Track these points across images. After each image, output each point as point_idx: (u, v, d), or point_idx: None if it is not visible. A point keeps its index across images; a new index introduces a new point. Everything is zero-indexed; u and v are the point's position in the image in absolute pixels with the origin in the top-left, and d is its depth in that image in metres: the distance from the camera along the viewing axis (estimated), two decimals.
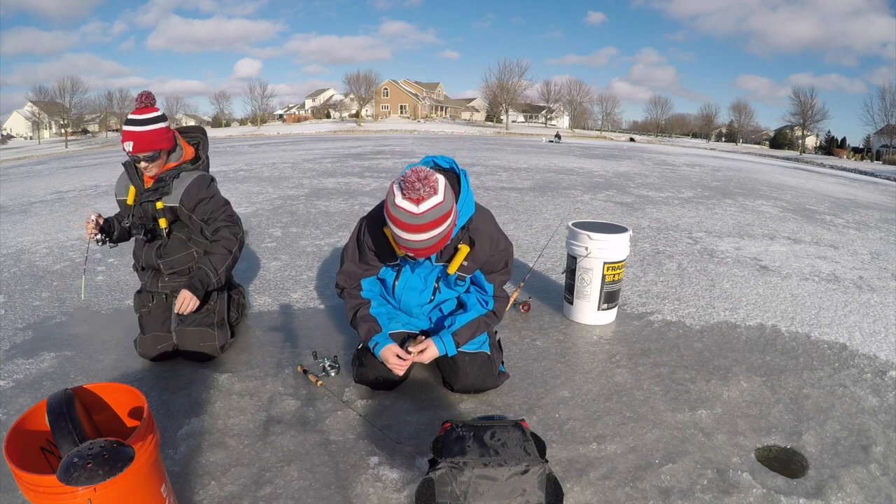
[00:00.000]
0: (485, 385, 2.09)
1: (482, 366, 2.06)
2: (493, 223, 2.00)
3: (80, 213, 6.25)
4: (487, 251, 1.96)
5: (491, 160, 13.32)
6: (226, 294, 2.53)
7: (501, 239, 2.00)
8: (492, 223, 2.00)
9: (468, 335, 2.03)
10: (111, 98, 61.67)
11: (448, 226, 1.68)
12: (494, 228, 1.99)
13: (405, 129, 51.31)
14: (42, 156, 27.62)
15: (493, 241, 1.97)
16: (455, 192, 1.82)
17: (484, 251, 1.95)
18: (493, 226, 2.00)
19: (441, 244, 1.74)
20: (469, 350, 2.06)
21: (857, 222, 6.81)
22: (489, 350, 2.11)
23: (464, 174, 1.90)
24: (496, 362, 2.13)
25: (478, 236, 1.93)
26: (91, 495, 1.05)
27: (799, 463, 1.78)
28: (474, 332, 2.04)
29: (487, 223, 1.97)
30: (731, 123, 71.98)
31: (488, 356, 2.09)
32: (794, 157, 39.77)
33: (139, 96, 2.25)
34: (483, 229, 1.94)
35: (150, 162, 2.21)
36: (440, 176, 1.64)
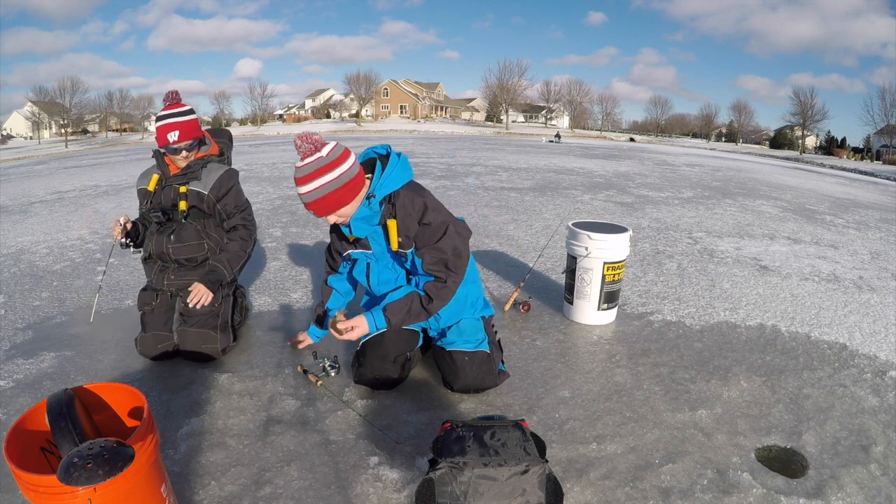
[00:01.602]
0: (484, 384, 2.09)
1: (481, 364, 2.06)
2: (420, 197, 1.96)
3: (80, 213, 6.25)
4: (414, 223, 1.96)
5: (491, 160, 13.32)
6: (231, 297, 2.53)
7: (432, 213, 1.94)
8: (419, 196, 1.96)
9: (400, 312, 1.96)
10: (111, 98, 61.71)
11: (330, 181, 1.80)
12: (423, 202, 1.95)
13: (405, 129, 51.31)
14: (42, 156, 27.62)
15: (417, 213, 1.95)
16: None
17: (411, 222, 1.96)
18: (422, 199, 1.96)
19: (330, 201, 1.83)
20: (468, 349, 2.06)
21: (857, 222, 6.81)
22: (488, 349, 2.11)
23: (395, 155, 2.00)
24: (495, 361, 2.13)
25: (400, 209, 1.96)
26: (91, 495, 1.05)
27: (799, 463, 1.78)
28: (407, 309, 1.97)
29: (414, 196, 1.95)
30: (731, 123, 71.98)
31: (487, 355, 2.08)
32: (794, 157, 39.76)
33: (168, 94, 2.36)
34: (406, 202, 1.95)
35: (189, 150, 2.35)
36: (332, 143, 1.86)
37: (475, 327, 2.14)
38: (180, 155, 2.33)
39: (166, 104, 2.34)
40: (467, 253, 2.05)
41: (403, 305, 1.97)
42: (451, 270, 1.98)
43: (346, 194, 1.86)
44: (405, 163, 2.02)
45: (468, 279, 2.16)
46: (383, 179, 1.95)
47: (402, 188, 1.97)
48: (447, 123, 64.54)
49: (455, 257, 1.97)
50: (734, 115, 70.98)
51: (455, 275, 1.99)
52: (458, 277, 1.99)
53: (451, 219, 2.00)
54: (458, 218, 2.08)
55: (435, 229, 1.95)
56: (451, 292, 2.00)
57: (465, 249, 2.03)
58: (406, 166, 2.01)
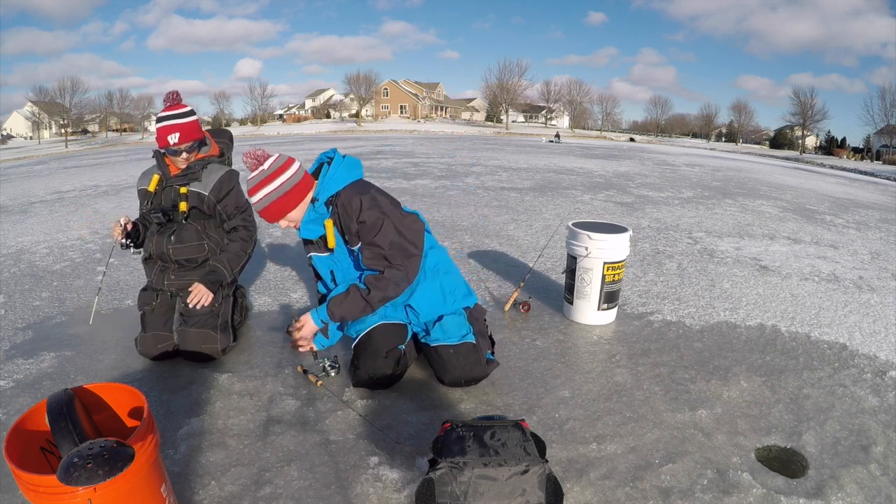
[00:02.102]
0: (473, 374, 2.10)
1: (467, 355, 2.08)
2: (358, 196, 2.02)
3: (80, 213, 6.25)
4: (353, 222, 2.03)
5: (491, 160, 13.32)
6: (231, 298, 2.53)
7: (367, 210, 2.00)
8: (357, 195, 2.02)
9: (340, 304, 2.02)
10: (111, 98, 61.73)
11: (272, 191, 1.98)
12: (359, 200, 2.01)
13: (405, 129, 51.32)
14: (42, 156, 27.62)
15: (354, 212, 2.02)
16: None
17: (350, 222, 2.04)
18: (359, 198, 2.01)
19: (275, 209, 2.00)
20: (452, 343, 2.09)
21: (857, 222, 6.81)
22: (473, 339, 2.12)
23: (339, 157, 2.11)
24: (482, 350, 2.14)
25: (340, 208, 2.05)
26: (91, 495, 1.05)
27: (799, 463, 1.77)
28: (345, 300, 2.02)
29: (353, 196, 2.02)
30: (731, 123, 71.99)
31: (472, 345, 2.10)
32: (794, 157, 39.76)
33: (169, 95, 2.36)
34: (345, 202, 2.04)
35: (190, 152, 2.35)
36: (275, 155, 2.03)
37: (457, 322, 2.15)
38: (180, 156, 2.34)
39: (167, 105, 2.34)
40: (415, 245, 2.07)
41: (343, 297, 2.03)
42: (390, 263, 2.01)
43: (290, 201, 2.02)
44: (350, 164, 2.12)
45: (442, 269, 2.21)
46: (325, 182, 2.06)
47: (345, 188, 2.06)
48: (447, 123, 64.54)
49: (394, 250, 2.01)
50: (734, 115, 71.05)
51: (395, 267, 2.01)
52: (400, 270, 2.02)
53: (393, 213, 2.03)
54: (409, 211, 2.13)
55: (370, 226, 2.00)
56: (394, 283, 2.01)
57: (411, 242, 2.05)
58: (350, 167, 2.11)
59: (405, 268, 2.03)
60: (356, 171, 2.12)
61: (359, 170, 2.15)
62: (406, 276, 2.04)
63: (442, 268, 2.22)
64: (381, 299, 2.02)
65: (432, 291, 2.18)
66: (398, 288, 2.03)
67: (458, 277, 2.29)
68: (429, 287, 2.18)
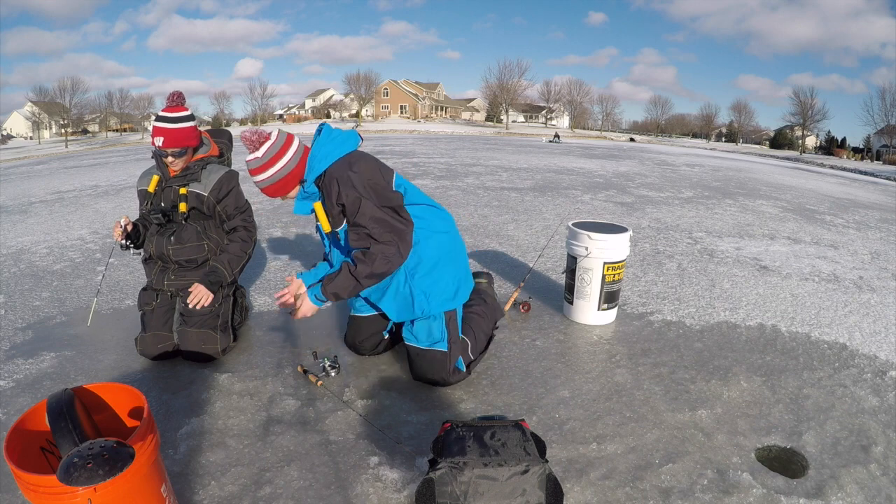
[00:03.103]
0: (434, 379, 2.15)
1: (432, 361, 2.12)
2: (335, 178, 1.99)
3: (80, 213, 6.25)
4: (334, 205, 2.03)
5: (491, 160, 13.32)
6: (231, 298, 2.53)
7: (344, 191, 1.98)
8: (336, 177, 1.99)
9: (333, 282, 2.03)
10: (111, 98, 61.74)
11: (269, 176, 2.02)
12: (336, 182, 1.99)
13: (405, 129, 51.31)
14: (42, 156, 27.62)
15: (334, 195, 2.01)
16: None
17: (331, 205, 2.04)
18: (336, 181, 1.99)
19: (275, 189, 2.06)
20: (422, 346, 2.13)
21: (857, 222, 6.81)
22: (446, 348, 2.12)
23: (318, 134, 2.08)
24: (452, 358, 2.14)
25: (324, 190, 2.06)
26: (91, 495, 1.05)
27: (799, 463, 1.77)
28: (337, 278, 2.03)
29: (333, 178, 2.00)
30: (732, 123, 71.99)
31: (442, 354, 2.11)
32: (795, 157, 39.76)
33: (171, 95, 2.35)
34: (327, 184, 2.03)
35: (177, 157, 2.33)
36: (273, 138, 2.02)
37: (427, 329, 2.14)
38: (167, 160, 2.33)
39: (166, 105, 2.34)
40: (400, 218, 2.03)
41: (335, 275, 2.05)
42: (375, 240, 1.99)
43: (286, 185, 2.06)
44: (335, 139, 2.08)
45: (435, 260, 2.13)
46: (310, 163, 2.06)
47: (329, 168, 2.03)
48: (447, 123, 64.53)
49: (377, 226, 1.98)
50: (734, 115, 71.08)
51: (382, 243, 1.99)
52: (389, 245, 1.99)
53: (373, 191, 1.99)
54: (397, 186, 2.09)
55: (350, 208, 1.99)
56: (381, 257, 1.98)
57: (395, 216, 2.02)
58: (335, 142, 2.07)
59: (393, 242, 1.99)
60: (342, 146, 2.07)
61: (345, 144, 2.09)
62: (397, 250, 1.99)
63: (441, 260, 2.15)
64: (368, 275, 1.99)
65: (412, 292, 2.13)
66: (388, 263, 1.99)
67: (446, 278, 2.18)
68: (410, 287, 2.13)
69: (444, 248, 2.19)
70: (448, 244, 2.21)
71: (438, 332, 2.14)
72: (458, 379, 2.18)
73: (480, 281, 2.67)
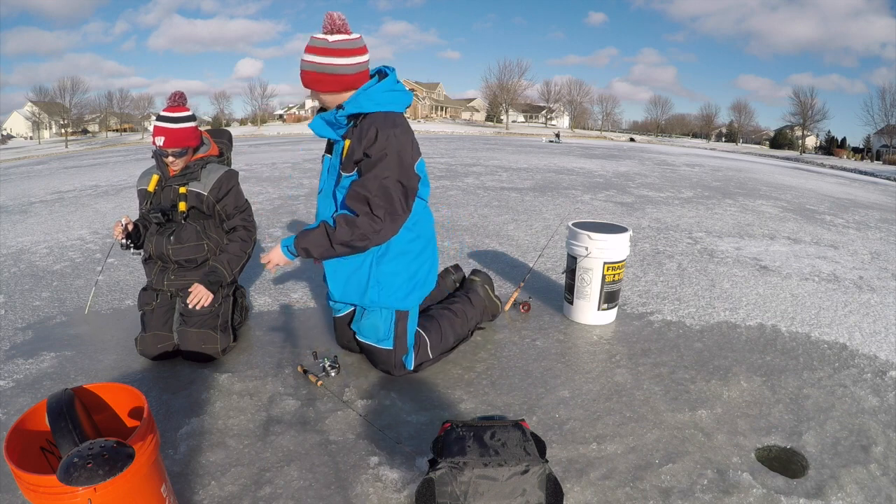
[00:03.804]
0: (382, 370, 2.25)
1: (377, 356, 2.21)
2: (382, 129, 1.86)
3: (80, 213, 6.25)
4: (360, 150, 1.90)
5: (491, 160, 13.32)
6: (231, 298, 2.53)
7: (377, 145, 1.85)
8: (380, 128, 1.86)
9: (306, 238, 1.97)
10: (111, 98, 61.74)
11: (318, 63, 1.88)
12: (375, 133, 1.86)
13: None
14: (42, 156, 27.62)
15: (367, 141, 1.87)
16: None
17: (359, 148, 1.90)
18: (376, 131, 1.86)
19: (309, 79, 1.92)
20: (371, 343, 2.19)
21: (857, 222, 6.81)
22: (391, 346, 2.17)
23: (386, 81, 1.96)
24: (397, 356, 2.18)
25: (358, 131, 1.92)
26: (91, 495, 1.05)
27: (799, 463, 1.77)
28: (311, 235, 1.96)
29: (377, 126, 1.86)
30: (732, 123, 72.01)
31: (386, 352, 2.18)
32: (795, 157, 39.75)
33: (172, 95, 2.35)
34: (366, 127, 1.89)
35: (177, 157, 2.33)
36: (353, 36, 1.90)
37: (373, 325, 2.16)
38: (167, 159, 2.34)
39: (167, 104, 2.34)
40: (404, 205, 1.94)
41: (311, 231, 1.98)
42: (370, 208, 1.89)
43: (322, 83, 1.92)
44: (396, 91, 1.97)
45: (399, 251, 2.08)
46: (358, 96, 1.93)
47: (375, 113, 1.91)
48: (447, 123, 64.51)
49: (380, 199, 1.88)
50: (734, 115, 71.13)
51: (373, 216, 1.89)
52: (376, 223, 1.90)
53: (402, 163, 1.89)
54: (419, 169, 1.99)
55: (371, 164, 1.87)
56: (361, 232, 1.89)
57: (401, 201, 1.92)
58: (393, 94, 1.96)
59: (383, 223, 1.90)
60: (397, 102, 1.96)
61: (401, 102, 1.98)
62: (382, 230, 1.91)
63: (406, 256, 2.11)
64: (343, 242, 1.91)
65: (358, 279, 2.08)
66: (366, 239, 1.91)
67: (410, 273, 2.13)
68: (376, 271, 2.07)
69: (415, 246, 2.14)
70: (419, 245, 2.16)
71: (384, 330, 2.15)
72: (402, 374, 2.23)
73: (475, 279, 2.67)
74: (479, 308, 2.57)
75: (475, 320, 2.53)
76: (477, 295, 2.59)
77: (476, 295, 2.59)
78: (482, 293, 2.62)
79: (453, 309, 2.42)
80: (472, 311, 2.51)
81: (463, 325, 2.43)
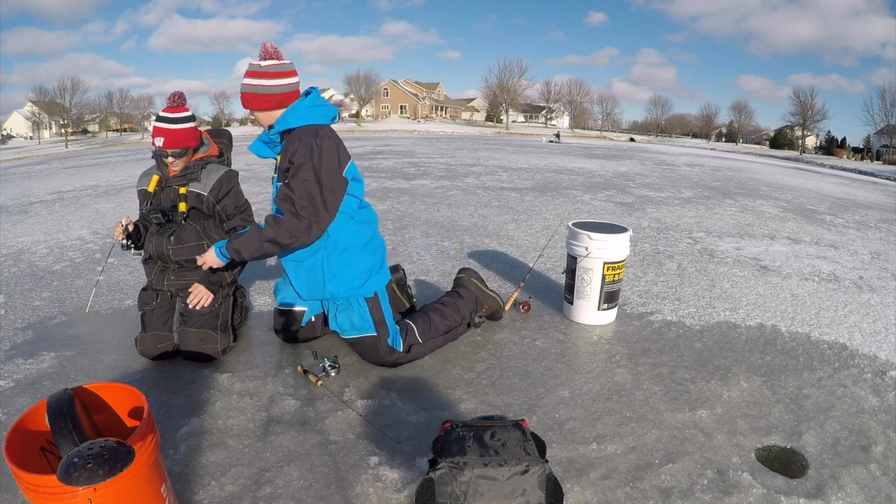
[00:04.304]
0: (378, 363, 2.29)
1: (363, 346, 2.28)
2: (304, 140, 2.01)
3: (80, 213, 6.25)
4: (287, 158, 2.05)
5: (491, 160, 13.32)
6: (231, 298, 2.53)
7: (301, 154, 2.00)
8: (303, 140, 2.01)
9: (238, 238, 2.11)
10: (111, 98, 61.73)
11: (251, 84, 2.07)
12: (298, 144, 2.02)
13: (405, 129, 51.31)
14: (42, 156, 27.62)
15: (291, 153, 2.03)
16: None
17: (285, 160, 2.06)
18: (300, 141, 2.02)
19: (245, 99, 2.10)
20: (352, 336, 2.26)
21: (858, 222, 6.81)
22: (373, 331, 2.23)
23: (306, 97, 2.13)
24: (381, 340, 2.22)
25: (285, 145, 2.10)
26: (91, 495, 1.05)
27: (799, 463, 1.77)
28: (243, 236, 2.09)
29: (302, 139, 2.02)
30: (732, 123, 72.01)
31: (371, 338, 2.23)
32: (795, 157, 39.76)
33: (171, 96, 2.36)
34: (291, 141, 2.06)
35: (177, 158, 2.34)
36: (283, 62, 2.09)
37: (348, 319, 2.24)
38: (167, 160, 2.34)
39: (167, 105, 2.34)
40: (328, 208, 2.06)
41: (241, 234, 2.10)
42: (295, 209, 2.02)
43: (262, 103, 2.09)
44: (317, 106, 2.13)
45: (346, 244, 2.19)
46: (285, 114, 2.09)
47: (301, 128, 2.07)
48: (447, 123, 64.53)
49: (304, 200, 2.01)
50: (734, 115, 71.13)
51: (298, 217, 2.01)
52: (301, 223, 2.02)
53: (324, 168, 2.01)
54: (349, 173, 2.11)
55: (295, 169, 2.02)
56: (288, 231, 2.02)
57: (326, 203, 2.04)
58: (315, 109, 2.12)
59: (308, 224, 2.03)
60: (319, 116, 2.12)
61: (323, 115, 2.14)
62: (307, 229, 2.03)
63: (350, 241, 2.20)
64: (269, 240, 2.04)
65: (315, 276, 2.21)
66: (292, 237, 2.03)
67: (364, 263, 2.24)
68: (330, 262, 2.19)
69: (360, 237, 2.24)
70: (365, 236, 2.27)
71: (360, 319, 2.22)
72: (395, 358, 2.25)
73: (461, 275, 2.71)
74: (470, 300, 2.59)
75: (468, 310, 2.56)
76: (465, 288, 2.63)
77: (464, 288, 2.63)
78: (471, 286, 2.66)
79: (441, 301, 2.51)
80: (462, 302, 2.55)
81: (453, 315, 2.47)
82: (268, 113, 2.12)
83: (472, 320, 2.61)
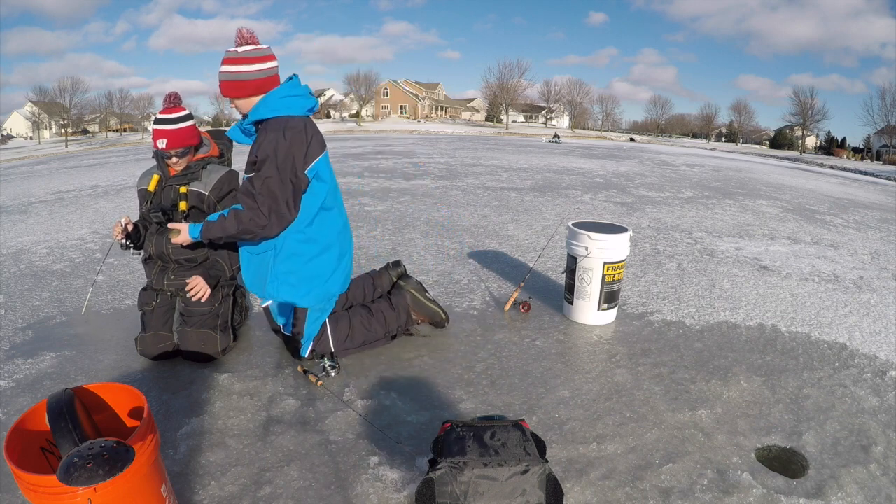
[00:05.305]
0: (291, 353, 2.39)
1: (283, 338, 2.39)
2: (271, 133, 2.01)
3: (80, 213, 6.25)
4: (253, 154, 2.06)
5: (491, 160, 13.32)
6: (231, 298, 2.53)
7: (263, 149, 2.00)
8: (269, 134, 2.01)
9: (209, 225, 2.10)
10: (111, 98, 61.73)
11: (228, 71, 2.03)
12: (264, 138, 2.02)
13: (405, 129, 51.32)
14: (42, 156, 27.62)
15: (256, 147, 2.05)
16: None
17: (251, 154, 2.08)
18: (266, 135, 2.02)
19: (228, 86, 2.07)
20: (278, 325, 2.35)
21: (857, 222, 6.81)
22: (290, 332, 2.31)
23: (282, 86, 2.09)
24: (293, 342, 2.32)
25: (259, 134, 2.09)
26: (91, 495, 1.05)
27: (799, 463, 1.77)
28: (213, 223, 2.09)
29: (268, 132, 2.02)
30: (732, 123, 72.01)
31: (286, 336, 2.35)
32: (795, 157, 39.77)
33: (168, 97, 2.36)
34: (260, 133, 2.06)
35: (181, 157, 2.35)
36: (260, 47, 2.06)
37: (276, 311, 2.33)
38: (171, 160, 2.35)
39: (164, 107, 2.34)
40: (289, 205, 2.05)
41: (214, 223, 2.10)
42: (256, 205, 2.02)
43: (240, 89, 2.05)
44: (293, 96, 2.09)
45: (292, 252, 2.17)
46: (258, 104, 2.07)
47: (272, 119, 2.05)
48: (447, 123, 64.53)
49: (264, 196, 2.01)
50: (734, 115, 71.11)
51: (257, 212, 2.02)
52: (261, 218, 2.02)
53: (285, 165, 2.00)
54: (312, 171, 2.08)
55: (259, 164, 2.02)
56: (244, 224, 2.03)
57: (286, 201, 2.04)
58: (289, 99, 2.08)
59: (267, 219, 2.03)
60: (293, 106, 2.09)
61: (297, 106, 2.09)
62: (266, 225, 2.03)
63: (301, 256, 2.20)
64: (232, 231, 2.05)
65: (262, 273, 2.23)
66: (249, 233, 2.05)
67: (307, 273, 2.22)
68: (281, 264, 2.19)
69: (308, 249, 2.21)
70: (313, 250, 2.21)
71: (284, 318, 2.32)
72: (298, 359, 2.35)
73: (402, 284, 2.59)
74: (402, 311, 2.50)
75: (395, 323, 2.48)
76: (401, 298, 2.52)
77: (400, 298, 2.52)
78: (408, 298, 2.55)
79: (371, 308, 2.46)
80: (391, 314, 2.46)
81: (377, 326, 2.42)
82: (247, 100, 2.09)
83: (399, 333, 2.54)
